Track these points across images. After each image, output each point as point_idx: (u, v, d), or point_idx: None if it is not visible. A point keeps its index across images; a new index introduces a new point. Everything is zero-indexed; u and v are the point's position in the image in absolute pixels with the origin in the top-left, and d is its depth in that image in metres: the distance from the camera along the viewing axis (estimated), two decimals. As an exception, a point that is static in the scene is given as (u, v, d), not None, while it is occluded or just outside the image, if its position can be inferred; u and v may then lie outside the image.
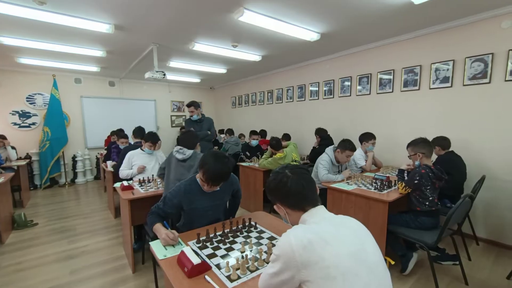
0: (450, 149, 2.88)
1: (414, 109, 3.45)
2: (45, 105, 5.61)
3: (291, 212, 0.98)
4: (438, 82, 3.19)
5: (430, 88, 3.27)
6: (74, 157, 6.02)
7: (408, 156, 2.42)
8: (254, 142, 4.72)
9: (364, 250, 0.83)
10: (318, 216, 0.92)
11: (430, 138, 2.44)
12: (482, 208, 2.95)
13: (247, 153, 4.55)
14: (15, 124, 5.45)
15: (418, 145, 2.31)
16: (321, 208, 0.95)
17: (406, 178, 2.32)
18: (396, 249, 2.32)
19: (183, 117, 7.96)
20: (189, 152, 2.24)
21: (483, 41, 2.83)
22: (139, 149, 3.15)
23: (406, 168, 2.42)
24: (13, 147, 4.60)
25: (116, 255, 2.72)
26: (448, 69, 3.10)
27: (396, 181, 2.39)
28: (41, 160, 5.44)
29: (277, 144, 3.55)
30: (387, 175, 2.85)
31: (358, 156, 3.35)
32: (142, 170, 3.03)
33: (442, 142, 2.87)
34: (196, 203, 1.63)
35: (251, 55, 4.35)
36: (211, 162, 1.48)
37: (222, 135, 6.39)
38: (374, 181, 2.66)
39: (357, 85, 4.10)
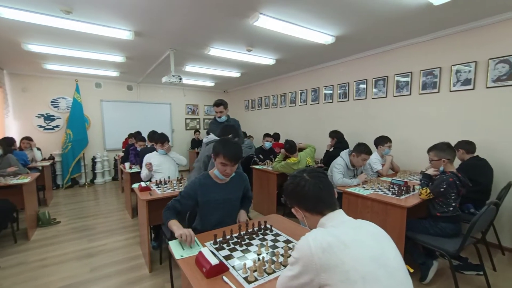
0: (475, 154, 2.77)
1: (433, 112, 3.34)
2: (68, 109, 5.89)
3: (309, 216, 0.99)
4: (459, 84, 3.08)
5: (450, 91, 3.16)
6: (93, 159, 6.26)
7: (430, 161, 2.34)
8: (267, 145, 4.73)
9: (384, 255, 0.82)
10: (337, 220, 0.92)
11: (451, 142, 2.36)
12: (508, 216, 2.81)
13: (261, 156, 4.56)
14: (40, 126, 5.76)
15: (444, 151, 2.23)
16: (339, 212, 0.95)
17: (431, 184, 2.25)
18: (415, 257, 2.25)
19: (197, 119, 8.11)
20: (211, 136, 2.34)
21: (507, 42, 2.72)
22: (154, 151, 3.29)
23: (433, 174, 2.33)
24: (38, 148, 4.85)
25: (133, 254, 2.79)
26: (470, 71, 2.99)
27: (420, 186, 2.30)
28: (63, 161, 5.70)
29: (291, 147, 3.46)
30: (405, 180, 2.77)
31: (374, 160, 3.28)
32: (149, 167, 3.16)
33: (467, 146, 2.77)
34: (210, 195, 1.73)
35: (265, 59, 4.38)
36: (223, 146, 1.65)
37: (236, 139, 6.45)
38: (391, 186, 2.60)
39: (373, 88, 4.03)
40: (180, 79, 3.96)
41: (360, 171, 3.10)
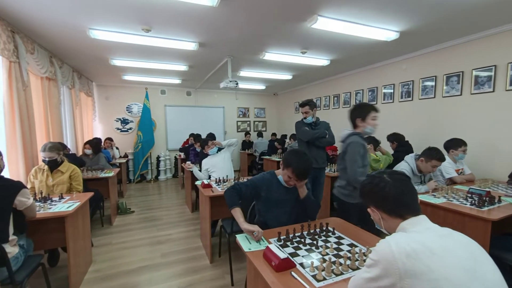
0: None
1: (525, 112, 2.83)
2: (139, 113, 6.74)
3: (387, 218, 0.96)
4: None
5: (550, 86, 2.65)
6: (158, 157, 7.01)
7: None
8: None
9: (480, 268, 0.75)
10: (421, 226, 0.87)
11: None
12: None
13: (313, 158, 4.49)
14: (117, 128, 6.72)
15: None
16: (423, 218, 0.90)
17: None
18: (507, 277, 1.93)
19: (248, 122, 8.39)
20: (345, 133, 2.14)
21: None
22: (208, 156, 3.59)
23: None
24: (117, 148, 5.67)
25: (195, 245, 3.05)
26: None
27: None
28: (135, 159, 6.55)
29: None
30: (487, 189, 2.41)
31: (448, 165, 2.92)
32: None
33: None
34: (273, 193, 1.82)
35: (320, 60, 4.31)
36: (295, 161, 1.64)
37: (286, 140, 6.48)
38: (469, 195, 2.29)
39: (444, 85, 3.61)
40: (237, 84, 4.17)
41: (428, 178, 2.81)
